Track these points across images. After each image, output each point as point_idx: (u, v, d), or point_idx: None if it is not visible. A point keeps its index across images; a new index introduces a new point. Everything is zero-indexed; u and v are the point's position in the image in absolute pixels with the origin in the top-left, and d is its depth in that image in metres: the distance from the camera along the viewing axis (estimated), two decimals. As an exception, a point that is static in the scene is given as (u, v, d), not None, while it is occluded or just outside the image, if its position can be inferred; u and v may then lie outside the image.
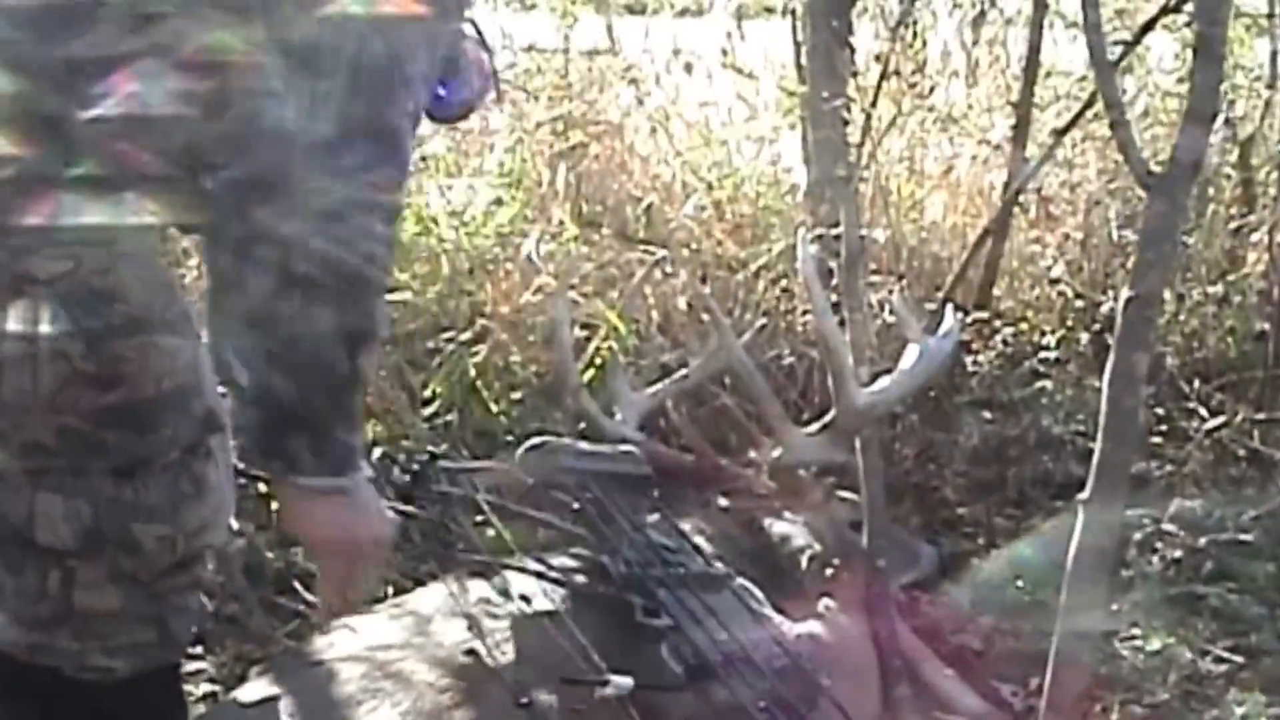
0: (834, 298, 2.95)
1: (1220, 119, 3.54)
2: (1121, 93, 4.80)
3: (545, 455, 2.53)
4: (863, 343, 2.97)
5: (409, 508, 2.46)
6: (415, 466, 2.46)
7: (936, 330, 2.94)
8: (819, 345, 2.96)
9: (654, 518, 2.49)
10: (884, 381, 2.81)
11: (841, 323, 2.86)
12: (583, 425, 3.11)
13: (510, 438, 3.43)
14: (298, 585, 2.90)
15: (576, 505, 2.45)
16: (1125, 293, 2.07)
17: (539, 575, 2.21)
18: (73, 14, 1.86)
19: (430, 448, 2.65)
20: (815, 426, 2.79)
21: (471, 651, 2.05)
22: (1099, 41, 2.31)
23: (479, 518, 2.44)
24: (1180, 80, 4.67)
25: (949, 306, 3.12)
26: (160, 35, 1.90)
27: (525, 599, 2.15)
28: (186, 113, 1.89)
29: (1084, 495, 2.09)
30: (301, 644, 2.31)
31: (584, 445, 2.67)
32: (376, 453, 2.59)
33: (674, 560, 2.30)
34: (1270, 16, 4.22)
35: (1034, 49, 4.22)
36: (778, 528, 2.74)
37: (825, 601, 2.53)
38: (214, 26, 1.87)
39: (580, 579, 2.29)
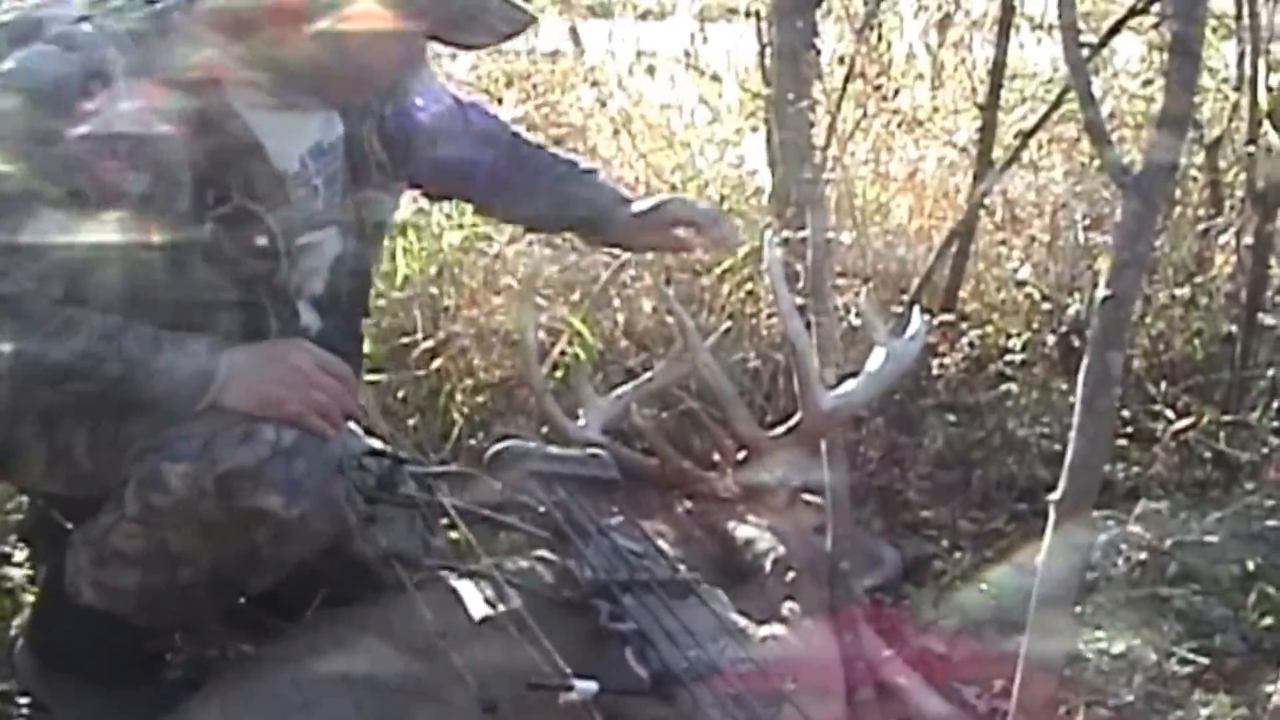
0: (800, 301, 2.93)
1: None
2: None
3: (513, 459, 2.51)
4: (830, 346, 2.95)
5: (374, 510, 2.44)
6: (382, 470, 2.45)
7: (902, 333, 2.92)
8: (785, 347, 2.94)
9: (620, 521, 2.47)
10: (850, 384, 2.79)
11: (808, 325, 2.84)
12: (546, 429, 3.09)
13: (473, 442, 3.41)
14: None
15: (543, 509, 2.43)
16: (1100, 292, 2.05)
17: (506, 581, 2.19)
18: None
19: (399, 452, 2.62)
20: (781, 430, 2.77)
21: (435, 655, 2.03)
22: (1072, 39, 2.30)
23: (444, 521, 2.42)
24: (1147, 83, 4.67)
25: (915, 309, 3.10)
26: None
27: (490, 603, 2.13)
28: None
29: (1056, 495, 2.08)
30: (260, 648, 2.28)
31: (552, 449, 2.66)
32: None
33: (641, 565, 2.29)
34: (1238, 18, 4.20)
35: (1000, 51, 4.20)
36: (741, 531, 2.73)
37: (789, 605, 2.52)
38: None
39: (546, 584, 2.27)
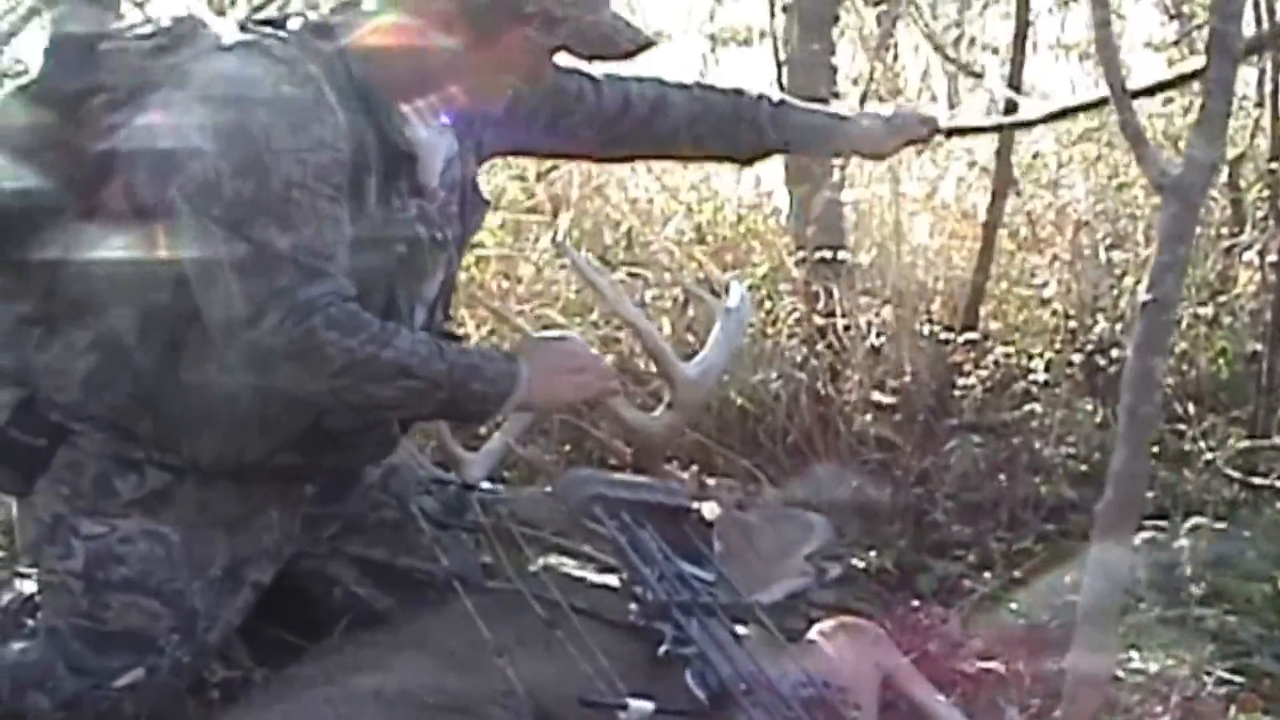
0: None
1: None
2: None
3: (580, 484, 2.48)
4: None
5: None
6: (449, 497, 2.43)
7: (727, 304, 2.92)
8: (632, 332, 2.94)
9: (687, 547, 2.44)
10: (704, 353, 2.80)
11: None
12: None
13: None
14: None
15: (609, 534, 2.40)
16: (1142, 296, 1.99)
17: (570, 605, 2.14)
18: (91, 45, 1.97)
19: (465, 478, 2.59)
20: (660, 409, 2.76)
21: (474, 671, 2.01)
22: (1107, 37, 2.25)
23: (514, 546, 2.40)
24: (1168, 102, 4.65)
25: (733, 284, 3.09)
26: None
27: (551, 623, 2.09)
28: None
29: (1100, 505, 2.01)
30: (288, 669, 2.24)
31: (619, 475, 2.64)
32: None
33: (705, 590, 2.26)
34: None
35: (1017, 67, 4.16)
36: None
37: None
38: None
39: (609, 606, 2.23)
